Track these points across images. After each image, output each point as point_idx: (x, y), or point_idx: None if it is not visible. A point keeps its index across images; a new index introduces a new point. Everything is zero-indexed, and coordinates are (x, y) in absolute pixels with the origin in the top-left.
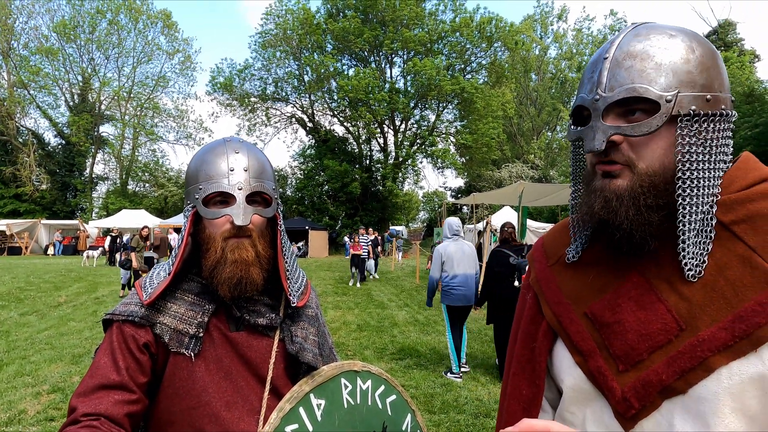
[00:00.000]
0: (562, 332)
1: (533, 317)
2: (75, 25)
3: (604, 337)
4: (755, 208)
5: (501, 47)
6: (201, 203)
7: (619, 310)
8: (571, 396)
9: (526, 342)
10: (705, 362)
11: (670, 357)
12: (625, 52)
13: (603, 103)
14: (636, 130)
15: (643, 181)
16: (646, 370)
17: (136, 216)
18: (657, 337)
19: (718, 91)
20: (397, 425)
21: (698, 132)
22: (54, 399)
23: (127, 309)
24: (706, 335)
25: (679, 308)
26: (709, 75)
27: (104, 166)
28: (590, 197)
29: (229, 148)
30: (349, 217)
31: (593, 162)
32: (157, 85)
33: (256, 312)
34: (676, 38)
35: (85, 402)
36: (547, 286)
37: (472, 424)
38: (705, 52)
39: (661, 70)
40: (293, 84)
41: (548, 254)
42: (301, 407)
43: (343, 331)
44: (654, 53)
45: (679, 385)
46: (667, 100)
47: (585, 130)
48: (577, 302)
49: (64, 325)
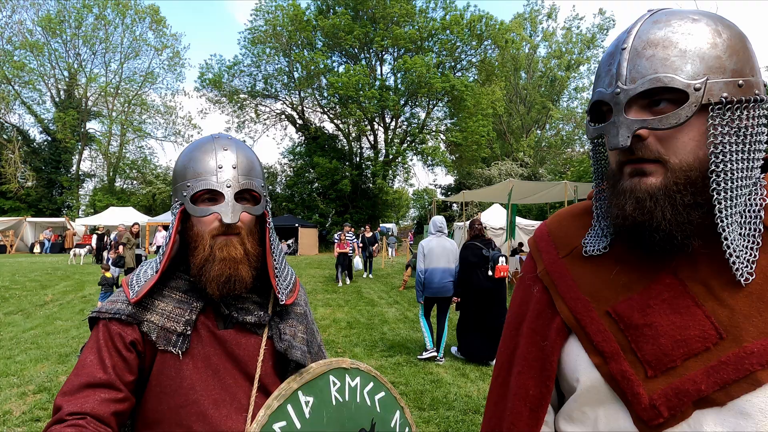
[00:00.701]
0: (579, 331)
1: (542, 312)
2: (61, 20)
3: (630, 340)
4: None
5: (491, 45)
6: (189, 201)
7: (650, 312)
8: (585, 397)
9: (534, 339)
10: (752, 375)
11: (711, 366)
12: (645, 40)
13: (625, 96)
14: (663, 123)
15: (677, 178)
16: (680, 377)
17: (124, 213)
18: (694, 344)
19: (750, 75)
20: (386, 422)
21: (731, 120)
22: (40, 399)
23: (114, 307)
24: (755, 348)
25: (718, 315)
26: (739, 59)
27: (91, 163)
28: (620, 199)
29: (218, 145)
30: (339, 214)
31: (619, 161)
32: (145, 81)
33: (244, 310)
34: (700, 22)
35: (70, 401)
36: (561, 279)
37: (461, 420)
38: (733, 35)
39: (686, 56)
40: (283, 81)
41: (558, 245)
42: (289, 404)
43: (332, 329)
44: (677, 39)
45: (719, 396)
46: (696, 88)
47: (606, 126)
48: (597, 300)
49: (51, 324)
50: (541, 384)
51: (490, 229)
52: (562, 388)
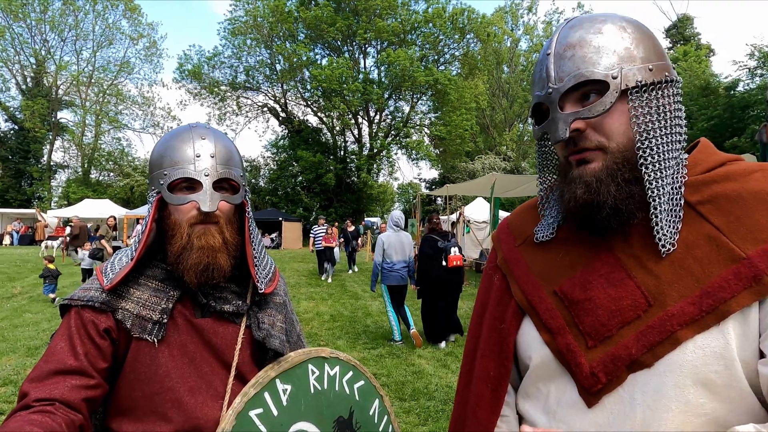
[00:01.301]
0: (531, 311)
1: (501, 298)
2: (23, 3)
3: (573, 315)
4: (719, 190)
5: (473, 39)
6: (166, 189)
7: (589, 288)
8: (538, 373)
9: (494, 324)
10: (673, 335)
11: (640, 332)
12: (565, 44)
13: (557, 94)
14: (593, 111)
15: (616, 158)
16: (615, 345)
17: (99, 206)
18: (627, 312)
19: (657, 60)
20: (365, 410)
21: (649, 101)
22: (5, 392)
23: (87, 294)
24: (675, 310)
25: (647, 284)
26: (645, 47)
27: (64, 154)
28: (571, 186)
29: (195, 134)
30: (324, 208)
31: (565, 154)
32: (121, 70)
33: (222, 299)
34: (606, 22)
35: (38, 387)
36: (516, 266)
37: (442, 410)
38: (635, 29)
39: (600, 52)
40: (265, 73)
41: (515, 235)
42: (266, 392)
43: (316, 322)
44: (590, 39)
45: (647, 358)
46: (613, 76)
47: (547, 124)
48: (547, 281)
49: (19, 316)
50: (500, 365)
51: (473, 223)
52: (521, 368)
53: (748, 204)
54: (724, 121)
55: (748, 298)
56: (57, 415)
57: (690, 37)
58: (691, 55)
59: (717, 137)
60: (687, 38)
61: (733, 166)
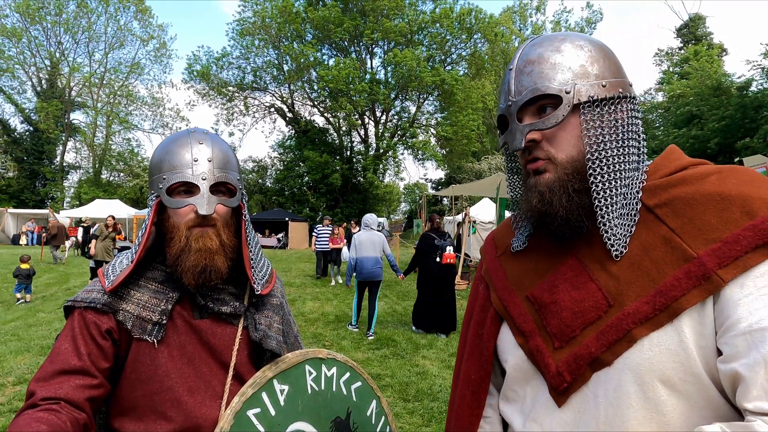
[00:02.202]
0: (506, 316)
1: (483, 305)
2: (40, 6)
3: (542, 317)
4: (675, 193)
5: (481, 39)
6: (165, 193)
7: (555, 291)
8: (514, 375)
9: (476, 329)
10: (629, 334)
11: (600, 331)
12: (525, 60)
13: (515, 107)
14: (546, 123)
15: (566, 170)
16: (579, 345)
17: (110, 206)
18: (589, 314)
19: (612, 77)
20: (362, 411)
21: (601, 115)
22: (20, 391)
23: (89, 296)
24: (630, 309)
25: (608, 286)
26: (600, 66)
27: (76, 155)
28: (528, 194)
29: (193, 139)
30: (330, 208)
31: (523, 163)
32: (131, 71)
33: (220, 300)
34: (565, 41)
35: (44, 386)
36: (495, 274)
37: (446, 410)
38: (593, 48)
39: (556, 68)
40: (272, 73)
41: (497, 246)
42: (264, 392)
43: (321, 323)
44: (548, 56)
45: (606, 356)
46: (566, 91)
47: (507, 134)
48: (521, 287)
49: (33, 316)
50: (480, 368)
51: (479, 223)
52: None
53: (701, 205)
54: (736, 121)
55: (699, 296)
56: (62, 414)
57: (702, 36)
58: (702, 54)
59: (728, 138)
60: (699, 38)
61: (691, 170)
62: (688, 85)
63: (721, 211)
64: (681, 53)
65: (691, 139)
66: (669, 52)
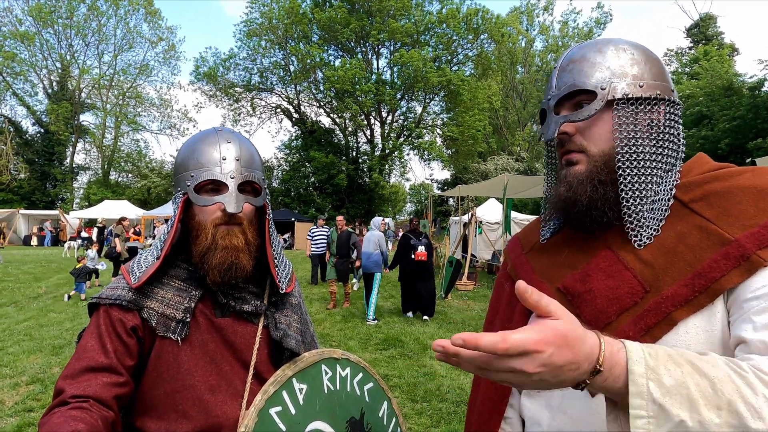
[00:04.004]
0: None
1: (509, 301)
2: (51, 10)
3: (575, 306)
4: (709, 188)
5: (487, 39)
6: (193, 190)
7: (588, 280)
8: None
9: (503, 325)
10: (669, 316)
11: (637, 316)
12: (569, 59)
13: (554, 100)
14: (579, 116)
15: (597, 162)
16: (615, 330)
17: (118, 206)
18: (624, 300)
19: (651, 80)
20: (374, 411)
21: (635, 113)
22: (33, 390)
23: (115, 293)
24: (669, 293)
25: (644, 274)
26: (640, 68)
27: (85, 156)
28: (558, 185)
29: (221, 138)
30: (336, 209)
31: (559, 155)
32: (140, 73)
33: (241, 299)
34: (609, 44)
35: (72, 384)
36: (522, 270)
37: (454, 412)
38: (636, 51)
39: (595, 67)
40: (279, 74)
41: (523, 245)
42: (284, 390)
43: (328, 322)
44: (590, 56)
45: (645, 340)
46: (602, 88)
47: (544, 126)
48: (551, 280)
49: (44, 316)
50: None
51: (486, 224)
52: None
53: (736, 197)
54: (747, 122)
55: (738, 276)
56: (93, 412)
57: (712, 36)
58: (712, 54)
59: (740, 138)
60: (709, 37)
61: (724, 170)
62: (698, 85)
63: (758, 201)
64: (691, 53)
65: (701, 139)
66: (678, 52)
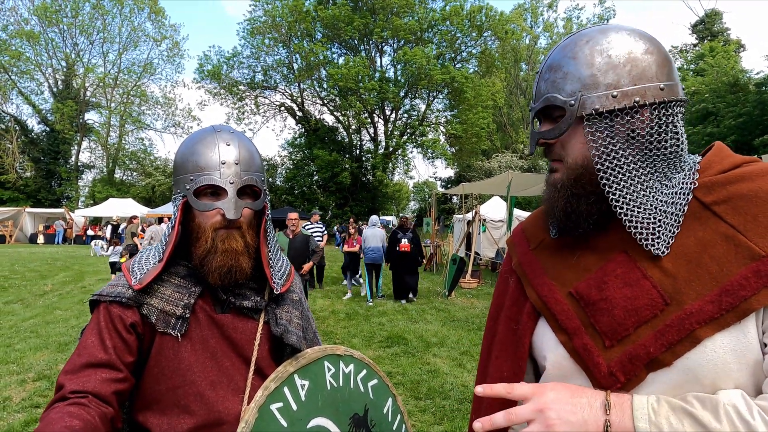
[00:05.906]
0: (546, 312)
1: (516, 300)
2: (57, 9)
3: (589, 315)
4: (735, 190)
5: (491, 36)
6: (192, 195)
7: (605, 288)
8: (553, 373)
9: (509, 325)
10: (692, 334)
11: (658, 330)
12: (548, 65)
13: (533, 112)
14: (549, 135)
15: (570, 174)
16: (633, 344)
17: (123, 205)
18: (643, 312)
19: (630, 85)
20: (379, 408)
21: (610, 126)
22: (39, 386)
23: (115, 290)
24: (693, 308)
25: (664, 284)
26: (616, 73)
27: (90, 154)
28: (545, 189)
29: (220, 140)
30: (339, 207)
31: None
32: (144, 72)
33: (241, 295)
34: (586, 45)
35: (72, 379)
36: (531, 268)
37: (457, 409)
38: (616, 53)
39: (567, 78)
40: (282, 72)
41: (529, 239)
42: (285, 387)
43: (331, 320)
44: (563, 64)
45: (666, 357)
46: (571, 104)
47: (530, 136)
48: (562, 283)
49: (50, 313)
50: (515, 365)
51: (489, 222)
52: (539, 370)
53: (765, 203)
54: (753, 118)
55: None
56: (91, 408)
57: (718, 32)
58: (718, 50)
59: (746, 135)
60: (715, 34)
61: (749, 167)
62: (703, 82)
63: None
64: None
65: (706, 136)
66: (683, 48)
